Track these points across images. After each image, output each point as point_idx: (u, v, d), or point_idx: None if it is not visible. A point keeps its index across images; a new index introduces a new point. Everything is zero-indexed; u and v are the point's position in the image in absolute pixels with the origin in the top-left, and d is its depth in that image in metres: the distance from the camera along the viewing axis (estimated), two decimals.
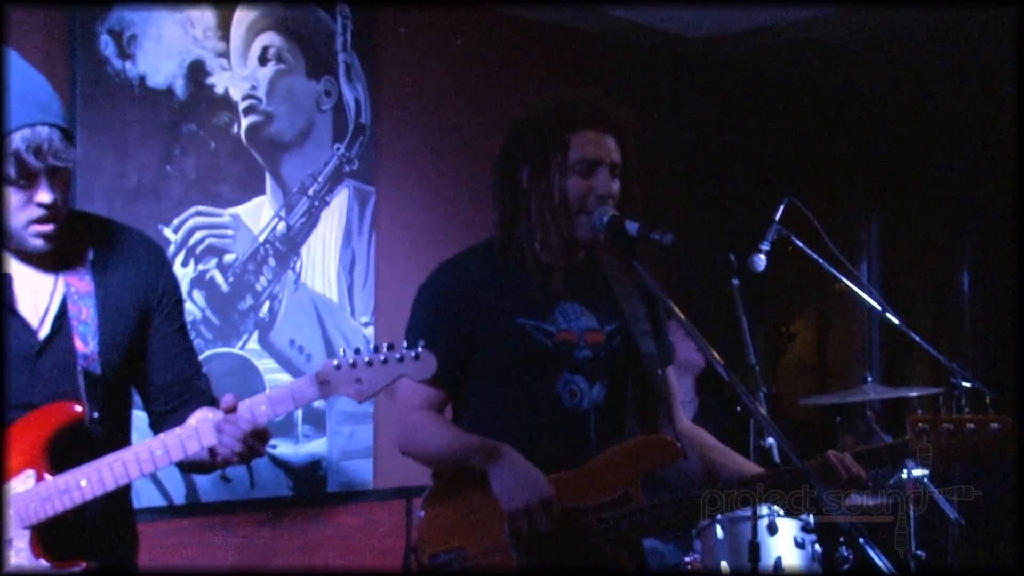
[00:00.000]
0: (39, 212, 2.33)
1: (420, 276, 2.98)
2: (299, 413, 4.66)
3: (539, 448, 2.76)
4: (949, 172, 7.78)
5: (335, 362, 2.37)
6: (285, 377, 4.58)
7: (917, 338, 3.67)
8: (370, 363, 2.37)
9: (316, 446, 4.72)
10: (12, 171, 2.27)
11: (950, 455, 2.75)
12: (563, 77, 5.45)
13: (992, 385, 3.06)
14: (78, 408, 2.38)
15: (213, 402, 2.62)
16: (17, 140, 2.26)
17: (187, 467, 2.54)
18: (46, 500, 2.34)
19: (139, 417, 2.65)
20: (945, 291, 8.28)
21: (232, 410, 2.36)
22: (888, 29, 5.76)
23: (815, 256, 3.74)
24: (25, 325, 2.40)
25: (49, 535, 2.35)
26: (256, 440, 2.39)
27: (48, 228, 2.35)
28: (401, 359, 2.38)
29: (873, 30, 5.77)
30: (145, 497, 4.10)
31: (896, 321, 3.73)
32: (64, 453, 2.37)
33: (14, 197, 2.31)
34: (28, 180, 2.29)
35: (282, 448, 4.61)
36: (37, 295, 2.43)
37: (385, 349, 2.38)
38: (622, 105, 2.91)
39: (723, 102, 6.38)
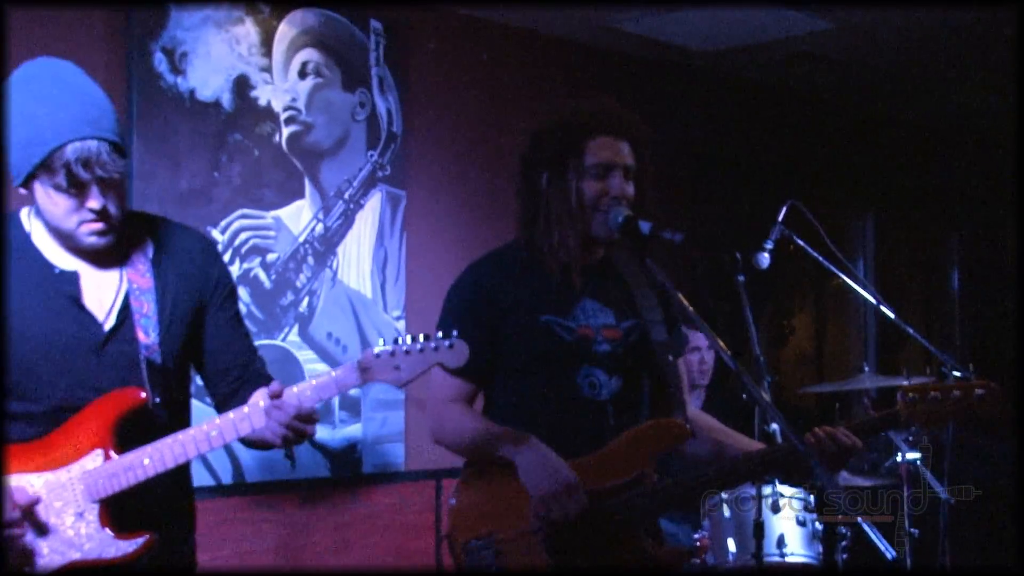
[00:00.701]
0: (89, 216, 2.36)
1: (448, 273, 3.00)
2: (336, 400, 4.68)
3: (562, 436, 2.76)
4: (939, 176, 7.76)
5: (375, 351, 2.38)
6: (323, 367, 4.61)
7: (910, 330, 3.66)
8: (407, 352, 2.38)
9: (352, 431, 4.75)
10: (63, 181, 2.30)
11: (939, 420, 2.74)
12: (579, 88, 5.46)
13: (980, 374, 3.05)
14: (142, 394, 2.41)
15: (269, 382, 2.63)
16: (68, 152, 2.28)
17: (250, 444, 2.54)
18: (113, 476, 2.37)
19: (197, 407, 2.68)
20: (936, 287, 8.25)
21: (278, 395, 2.38)
22: (881, 44, 5.75)
23: (815, 254, 3.74)
24: (91, 318, 2.43)
25: (115, 508, 2.39)
26: (303, 423, 2.40)
27: (98, 227, 2.37)
28: (436, 348, 2.39)
29: (867, 45, 5.77)
30: (196, 477, 4.06)
31: (890, 315, 3.72)
32: (129, 434, 2.40)
33: (68, 203, 2.34)
34: (78, 189, 2.32)
35: (321, 432, 4.63)
36: (102, 290, 2.46)
37: (421, 339, 2.39)
38: (634, 113, 2.92)
39: (729, 111, 6.38)
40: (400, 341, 2.39)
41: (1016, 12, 4.64)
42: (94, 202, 2.34)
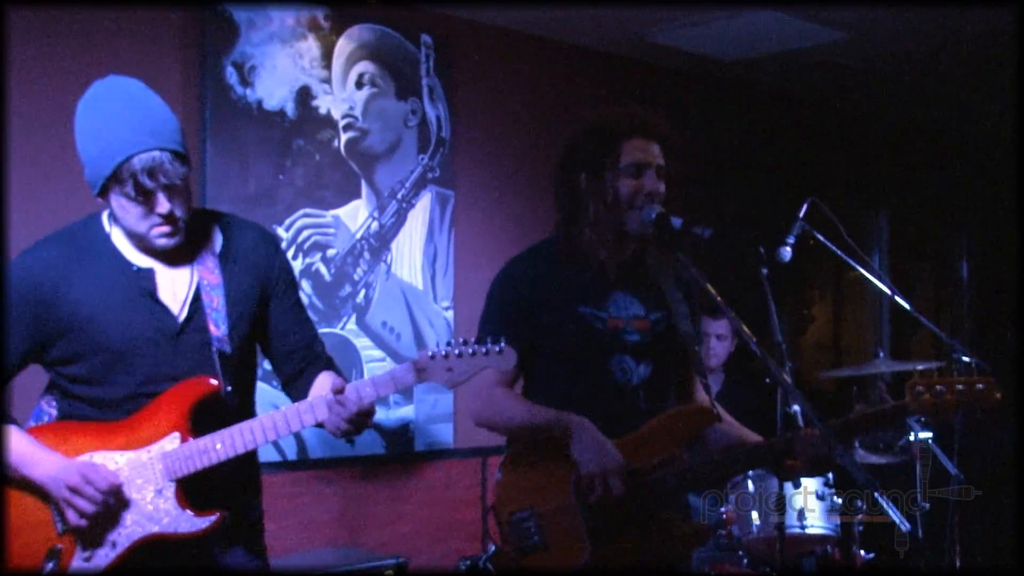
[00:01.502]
0: (158, 220, 2.38)
1: (492, 266, 2.98)
2: None
3: (597, 418, 2.74)
4: (948, 174, 7.68)
5: (431, 353, 2.38)
6: (379, 353, 4.62)
7: (922, 319, 3.62)
8: (460, 355, 2.38)
9: (405, 412, 4.77)
10: (132, 190, 2.33)
11: (944, 411, 2.72)
12: (613, 96, 5.45)
13: (987, 359, 3.01)
14: (214, 382, 2.43)
15: (330, 363, 2.65)
16: (135, 163, 2.31)
17: (318, 425, 2.55)
18: (188, 458, 2.40)
19: (263, 390, 2.69)
20: (946, 278, 8.17)
21: (340, 391, 2.38)
22: (892, 53, 5.70)
23: (833, 248, 3.70)
24: (167, 311, 2.46)
25: (190, 487, 2.41)
26: (362, 418, 2.41)
27: (166, 229, 2.40)
28: (487, 353, 2.39)
29: (879, 54, 5.71)
30: (263, 453, 4.10)
31: (904, 304, 3.68)
32: (203, 419, 2.43)
33: (138, 210, 2.37)
34: (146, 196, 2.35)
35: (377, 414, 4.59)
36: (176, 284, 2.48)
37: (473, 344, 2.39)
38: (664, 117, 2.90)
39: (753, 117, 6.35)
40: (453, 344, 2.38)
41: (1016, 13, 4.56)
42: (161, 207, 2.36)
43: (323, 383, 2.51)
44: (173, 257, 2.47)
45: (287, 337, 2.61)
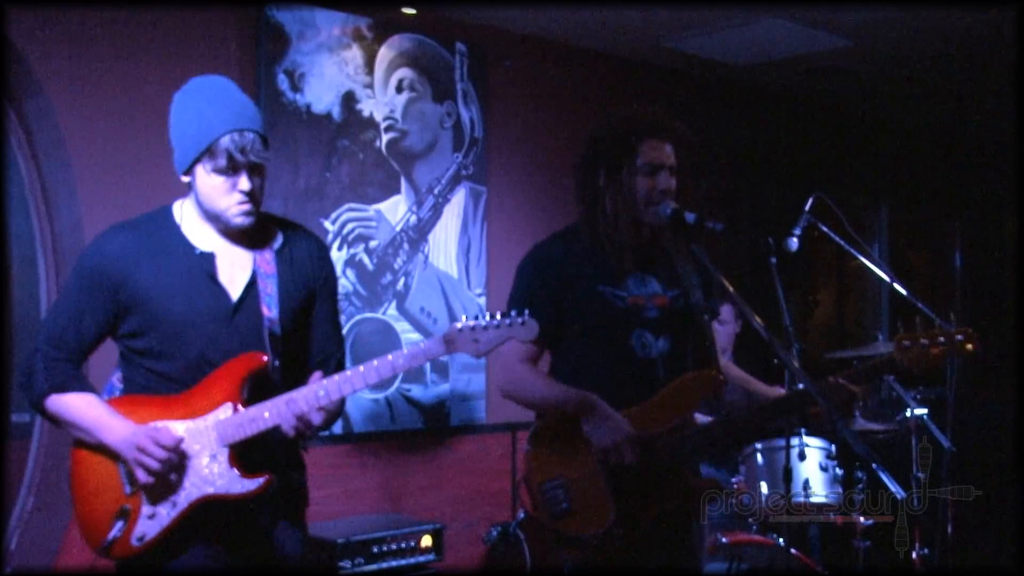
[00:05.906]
0: (241, 196, 2.42)
1: (521, 256, 2.99)
2: (428, 364, 4.71)
3: (619, 389, 2.75)
4: (944, 171, 7.61)
5: (458, 326, 2.37)
6: (417, 336, 4.63)
7: (919, 304, 3.60)
8: (485, 327, 2.37)
9: (441, 389, 4.78)
10: (224, 162, 2.38)
11: (929, 362, 2.72)
12: (632, 98, 5.40)
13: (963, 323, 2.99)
14: (264, 358, 2.44)
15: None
16: (228, 140, 2.37)
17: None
18: (240, 426, 2.41)
19: None
20: (941, 266, 8.10)
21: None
22: (893, 58, 5.64)
23: (837, 239, 3.68)
24: (224, 291, 2.48)
25: (241, 452, 2.43)
26: (301, 424, 2.40)
27: (246, 207, 2.43)
28: (511, 324, 2.37)
29: (881, 59, 5.66)
30: None
31: (901, 290, 3.66)
32: (253, 390, 2.45)
33: (224, 184, 2.40)
34: (234, 171, 2.39)
35: (415, 391, 4.67)
36: (234, 269, 2.50)
37: (498, 316, 2.38)
38: (677, 119, 2.88)
39: (763, 118, 6.30)
40: (479, 317, 2.37)
41: (1016, 13, 4.49)
42: (245, 184, 2.41)
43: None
44: (235, 244, 2.50)
45: (317, 339, 2.62)
